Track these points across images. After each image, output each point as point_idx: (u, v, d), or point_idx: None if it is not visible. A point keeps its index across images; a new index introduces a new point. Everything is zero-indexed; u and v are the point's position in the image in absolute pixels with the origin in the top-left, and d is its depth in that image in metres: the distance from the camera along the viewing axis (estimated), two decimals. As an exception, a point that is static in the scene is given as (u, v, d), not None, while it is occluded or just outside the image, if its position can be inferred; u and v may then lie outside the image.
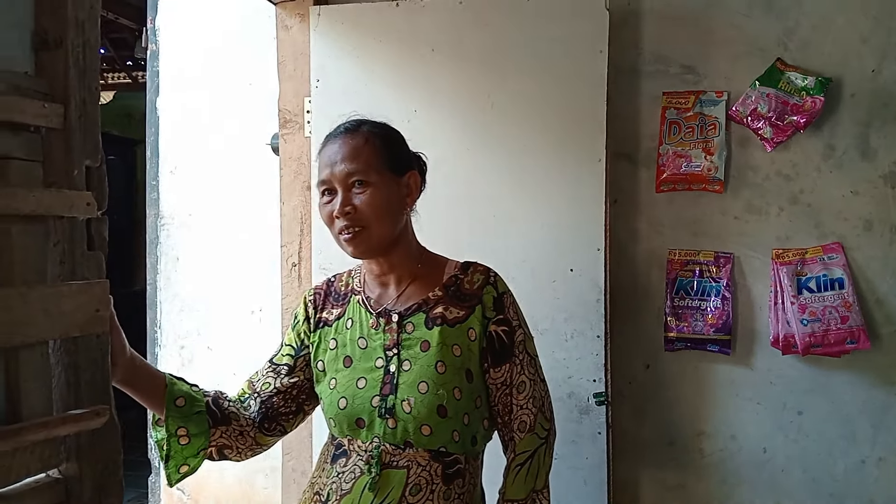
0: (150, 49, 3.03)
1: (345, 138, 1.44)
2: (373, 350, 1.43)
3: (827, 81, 2.09)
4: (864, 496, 2.11)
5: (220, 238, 2.95)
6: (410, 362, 1.40)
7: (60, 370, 0.99)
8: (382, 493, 1.35)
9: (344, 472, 1.40)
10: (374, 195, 1.39)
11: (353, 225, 1.39)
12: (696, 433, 2.23)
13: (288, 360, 1.52)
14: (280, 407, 1.50)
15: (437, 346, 1.39)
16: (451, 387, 1.38)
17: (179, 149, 3.03)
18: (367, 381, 1.41)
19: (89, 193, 1.02)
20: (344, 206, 1.39)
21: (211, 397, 1.45)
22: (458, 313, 1.42)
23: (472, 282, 1.45)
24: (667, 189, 2.24)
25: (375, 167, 1.41)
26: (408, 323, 1.43)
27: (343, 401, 1.41)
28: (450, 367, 1.39)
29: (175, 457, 1.38)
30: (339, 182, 1.41)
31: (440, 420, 1.36)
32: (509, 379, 1.43)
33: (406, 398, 1.37)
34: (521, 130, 2.12)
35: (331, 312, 1.52)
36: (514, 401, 1.43)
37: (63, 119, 0.99)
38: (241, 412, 1.47)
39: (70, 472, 1.00)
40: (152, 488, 3.12)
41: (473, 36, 2.14)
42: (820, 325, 2.06)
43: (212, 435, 1.41)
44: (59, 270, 0.99)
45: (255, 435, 1.47)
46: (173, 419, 1.37)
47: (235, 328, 2.93)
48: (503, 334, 1.43)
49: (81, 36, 1.02)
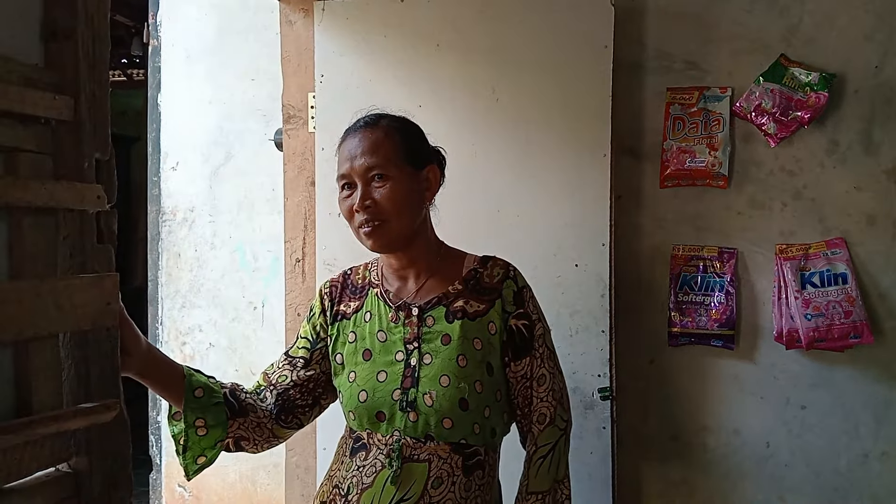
0: (151, 44, 3.02)
1: (364, 132, 1.44)
2: (392, 343, 1.43)
3: (831, 77, 2.09)
4: (866, 490, 2.11)
5: (222, 234, 2.95)
6: (432, 356, 1.40)
7: (71, 363, 0.99)
8: (405, 486, 1.36)
9: (364, 465, 1.41)
10: (394, 189, 1.39)
11: (373, 219, 1.40)
12: (700, 428, 2.24)
13: (304, 354, 1.53)
14: (297, 399, 1.50)
15: (458, 339, 1.40)
16: (472, 380, 1.38)
17: (181, 144, 3.03)
18: (387, 375, 1.41)
19: (99, 186, 1.02)
20: (364, 200, 1.40)
21: (228, 389, 1.45)
22: (478, 307, 1.43)
23: (492, 276, 1.46)
24: (671, 184, 2.24)
25: (395, 161, 1.41)
26: (428, 316, 1.43)
27: (363, 394, 1.41)
28: (471, 360, 1.39)
29: (193, 447, 1.39)
30: (359, 176, 1.41)
31: (462, 413, 1.37)
32: (529, 372, 1.44)
33: (428, 391, 1.37)
34: (526, 125, 2.12)
35: (348, 305, 1.52)
36: (534, 393, 1.44)
37: (73, 111, 0.99)
38: (259, 404, 1.48)
39: (80, 466, 1.00)
40: (153, 485, 3.12)
41: (478, 31, 2.14)
42: (823, 319, 2.07)
43: (229, 426, 1.41)
44: (70, 263, 0.99)
45: (272, 427, 1.48)
46: (192, 410, 1.38)
47: (237, 325, 2.93)
48: (523, 328, 1.44)
49: (91, 28, 1.02)
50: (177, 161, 3.04)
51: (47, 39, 0.99)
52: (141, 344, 1.30)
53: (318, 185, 2.26)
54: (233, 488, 2.89)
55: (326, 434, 2.15)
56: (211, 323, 2.99)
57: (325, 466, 2.18)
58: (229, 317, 2.95)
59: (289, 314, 2.41)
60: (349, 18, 2.21)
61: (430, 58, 2.16)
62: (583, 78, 2.08)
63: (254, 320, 2.91)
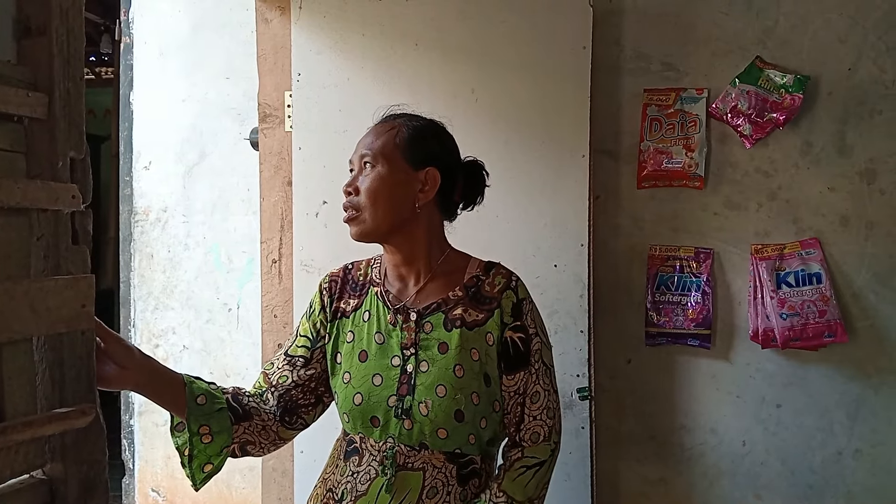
0: (123, 42, 2.98)
1: (379, 125, 1.46)
2: (389, 347, 1.40)
3: (805, 79, 2.12)
4: (841, 487, 2.14)
5: (196, 234, 2.91)
6: (428, 363, 1.37)
7: (45, 367, 0.96)
8: (399, 495, 1.34)
9: (358, 472, 1.38)
10: (375, 179, 1.38)
11: (352, 206, 1.40)
12: (677, 427, 2.25)
13: (304, 352, 1.49)
14: (299, 399, 1.47)
15: (455, 349, 1.37)
16: (468, 391, 1.35)
17: (154, 144, 2.98)
18: (383, 379, 1.38)
19: (74, 186, 1.00)
20: (348, 185, 1.41)
21: (230, 394, 1.42)
22: (477, 316, 1.40)
23: (493, 284, 1.43)
24: (648, 185, 2.25)
25: (388, 153, 1.40)
26: (426, 322, 1.40)
27: (358, 396, 1.38)
28: (468, 371, 1.36)
29: (199, 456, 1.35)
30: (356, 162, 1.43)
31: (457, 424, 1.34)
32: (523, 388, 1.40)
33: (423, 400, 1.34)
34: (505, 126, 2.11)
35: (348, 303, 1.49)
36: (526, 411, 1.39)
37: (47, 109, 0.96)
38: (262, 407, 1.45)
39: (55, 473, 0.97)
40: (126, 490, 3.08)
41: (458, 30, 2.13)
42: (799, 318, 2.09)
43: (234, 431, 1.38)
44: (44, 265, 0.96)
45: (277, 429, 1.45)
46: (195, 418, 1.34)
47: (212, 327, 2.90)
48: (519, 341, 1.40)
49: (66, 23, 1.00)
50: (149, 160, 2.99)
51: (21, 35, 0.96)
52: (134, 355, 1.27)
53: (296, 185, 2.24)
54: (207, 492, 2.85)
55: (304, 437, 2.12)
56: (185, 325, 2.95)
57: (303, 470, 2.16)
58: (203, 319, 2.91)
59: (265, 316, 2.38)
60: (326, 16, 2.19)
61: (408, 57, 2.15)
62: (562, 78, 2.09)
63: (228, 322, 2.88)
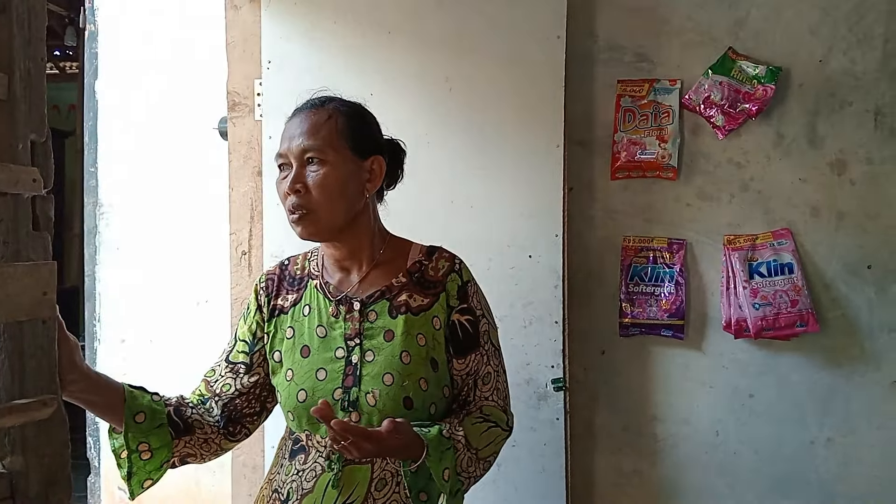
0: (88, 30, 2.90)
1: (308, 113, 1.38)
2: (332, 339, 1.37)
3: (777, 70, 2.13)
4: (813, 476, 2.16)
5: (163, 226, 2.85)
6: (374, 353, 1.34)
7: (4, 357, 0.93)
8: (347, 490, 1.31)
9: (304, 469, 1.35)
10: (328, 175, 1.33)
11: (303, 206, 1.33)
12: (651, 418, 2.26)
13: (244, 358, 1.45)
14: (243, 409, 1.43)
15: (401, 335, 1.35)
16: (416, 377, 1.33)
17: (119, 134, 2.91)
18: (327, 373, 1.35)
19: (35, 169, 0.95)
20: (295, 184, 1.34)
21: (173, 406, 1.37)
22: (422, 301, 1.38)
23: (437, 268, 1.42)
24: (621, 176, 2.25)
25: (334, 146, 1.35)
26: (370, 311, 1.38)
27: (302, 393, 1.35)
28: (415, 357, 1.34)
29: (138, 473, 1.31)
30: (295, 157, 1.35)
31: (406, 412, 1.31)
32: (474, 369, 1.40)
33: (370, 390, 1.32)
34: (480, 115, 2.09)
35: (286, 299, 1.45)
36: (477, 392, 1.40)
37: (7, 89, 0.92)
38: (205, 418, 1.40)
39: (15, 466, 0.94)
40: (91, 489, 3.01)
41: (431, 19, 2.10)
42: (771, 308, 2.10)
43: (174, 446, 1.34)
44: (3, 251, 0.92)
45: (219, 441, 1.41)
46: (133, 435, 1.30)
47: (179, 321, 2.84)
48: (467, 323, 1.39)
49: (26, 2, 0.96)
50: (115, 151, 2.92)
51: (-22, 11, 0.92)
52: (79, 367, 1.20)
53: (266, 175, 2.20)
54: (175, 488, 2.79)
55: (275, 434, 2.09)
56: (150, 318, 2.88)
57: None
58: (171, 313, 2.85)
59: (234, 308, 2.34)
60: (297, 3, 2.15)
61: (381, 45, 2.12)
62: (536, 68, 2.07)
63: (196, 315, 2.82)
